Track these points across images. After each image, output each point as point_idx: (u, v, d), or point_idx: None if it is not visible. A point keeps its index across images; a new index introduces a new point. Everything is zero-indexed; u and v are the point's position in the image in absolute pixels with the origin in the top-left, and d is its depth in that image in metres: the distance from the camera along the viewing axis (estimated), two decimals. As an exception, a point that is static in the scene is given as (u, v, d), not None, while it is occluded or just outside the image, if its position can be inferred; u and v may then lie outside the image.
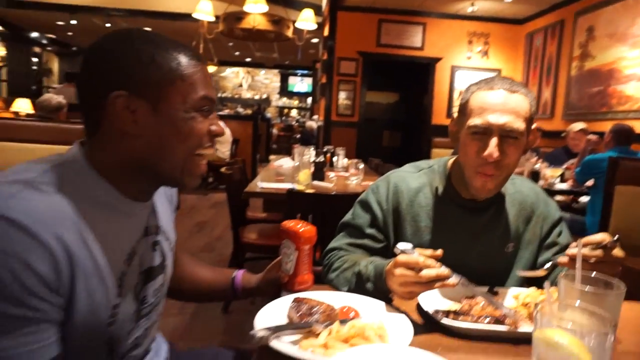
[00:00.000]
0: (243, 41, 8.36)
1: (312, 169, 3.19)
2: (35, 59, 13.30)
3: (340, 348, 0.77)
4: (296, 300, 0.91)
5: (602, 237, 0.95)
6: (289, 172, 3.65)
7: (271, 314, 0.90)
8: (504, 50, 7.28)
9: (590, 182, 3.55)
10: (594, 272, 0.81)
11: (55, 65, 14.75)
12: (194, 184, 0.81)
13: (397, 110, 8.82)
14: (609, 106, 4.96)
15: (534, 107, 1.08)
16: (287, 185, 2.79)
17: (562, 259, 0.94)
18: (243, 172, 3.28)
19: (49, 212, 0.65)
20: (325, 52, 7.60)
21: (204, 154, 0.80)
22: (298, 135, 12.80)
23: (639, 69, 4.54)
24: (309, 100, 16.77)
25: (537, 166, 3.78)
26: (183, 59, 0.75)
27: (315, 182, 3.08)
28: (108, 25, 9.54)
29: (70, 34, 11.88)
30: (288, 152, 6.52)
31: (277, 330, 0.79)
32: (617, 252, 0.94)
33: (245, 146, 7.73)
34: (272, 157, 7.78)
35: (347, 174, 3.66)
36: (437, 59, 7.26)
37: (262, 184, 2.97)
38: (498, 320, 0.90)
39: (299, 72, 16.70)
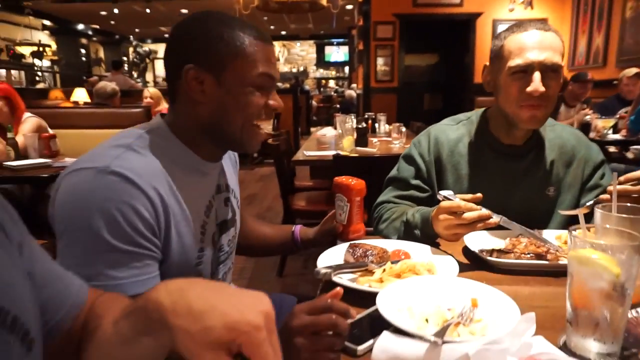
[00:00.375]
0: (278, 14, 8.37)
1: (355, 135, 3.26)
2: (83, 50, 13.92)
3: (393, 282, 0.87)
4: (351, 245, 1.01)
5: (641, 174, 0.98)
6: (332, 140, 3.73)
7: (330, 258, 1.01)
8: (549, -1, 6.90)
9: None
10: (630, 204, 0.85)
11: (101, 54, 15.38)
12: (253, 149, 0.92)
13: (437, 72, 8.60)
14: (667, 48, 4.65)
15: (564, 44, 1.13)
16: (331, 152, 2.88)
17: (603, 196, 0.99)
18: (288, 143, 3.40)
19: (146, 168, 0.78)
20: (361, 18, 7.50)
21: (262, 125, 0.90)
22: (338, 106, 12.78)
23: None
24: (347, 69, 16.61)
25: (588, 117, 3.66)
26: (247, 39, 0.83)
27: (359, 148, 3.16)
28: (148, 10, 9.81)
29: (112, 22, 12.31)
30: (329, 123, 6.57)
31: (337, 268, 0.90)
32: (659, 187, 0.97)
33: (286, 120, 7.86)
34: (313, 129, 7.88)
35: (389, 138, 3.70)
36: (478, 14, 6.99)
37: (307, 152, 3.08)
38: (540, 256, 0.97)
39: (335, 41, 16.52)
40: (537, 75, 1.08)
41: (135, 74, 13.66)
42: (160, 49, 16.45)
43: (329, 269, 0.88)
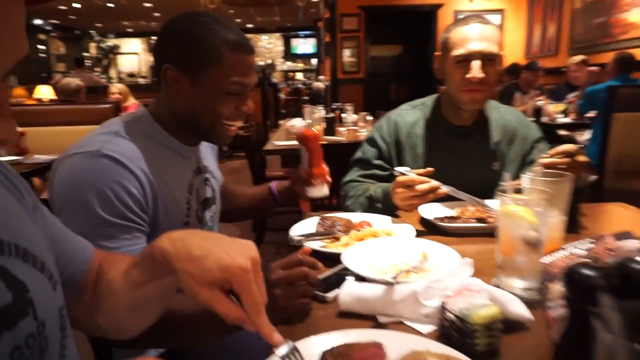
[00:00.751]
0: (244, 7, 8.37)
1: (324, 125, 3.39)
2: (42, 47, 13.46)
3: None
4: (322, 217, 1.14)
5: (568, 147, 1.14)
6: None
7: (302, 228, 1.14)
8: (506, -10, 7.18)
9: (592, 114, 3.67)
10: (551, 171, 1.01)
11: (63, 50, 14.90)
12: (222, 144, 1.05)
13: (402, 62, 8.80)
14: (612, 36, 4.98)
15: (501, 36, 1.30)
16: (301, 141, 2.99)
17: (535, 167, 1.15)
18: (258, 134, 3.49)
19: (133, 151, 0.89)
20: (327, 10, 7.59)
21: (232, 124, 0.99)
22: (306, 98, 12.86)
23: (641, -5, 4.53)
24: (314, 61, 16.67)
25: (540, 103, 3.91)
26: (226, 48, 0.90)
27: (328, 137, 3.29)
28: (110, 5, 9.59)
29: (73, 17, 11.96)
30: (297, 116, 6.66)
31: (309, 235, 1.03)
32: (581, 158, 1.13)
33: (254, 113, 7.80)
34: (281, 122, 7.93)
35: (356, 127, 3.85)
36: (439, 5, 7.21)
37: (277, 142, 3.18)
38: (482, 220, 1.13)
39: (302, 33, 16.53)
40: (476, 63, 1.23)
41: (98, 70, 13.33)
42: (124, 43, 16.08)
43: (301, 237, 1.01)
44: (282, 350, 0.53)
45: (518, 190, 0.89)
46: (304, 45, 16.84)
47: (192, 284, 0.52)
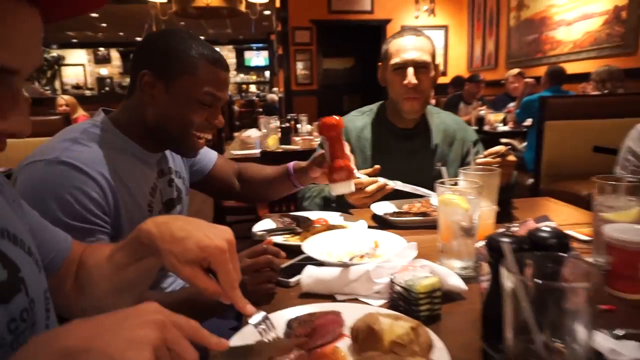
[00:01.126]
0: (196, 19, 8.34)
1: (279, 135, 3.48)
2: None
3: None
4: (282, 215, 1.22)
5: (499, 148, 1.29)
6: (257, 140, 3.92)
7: (264, 225, 1.21)
8: (449, 7, 7.61)
9: (529, 122, 3.98)
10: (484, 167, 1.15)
11: None
12: (190, 155, 1.08)
13: (354, 74, 9.08)
14: (543, 52, 5.42)
15: (434, 47, 1.45)
16: (257, 151, 3.06)
17: (472, 166, 1.29)
18: (214, 146, 3.53)
19: (92, 157, 0.92)
20: (279, 24, 7.73)
21: (202, 136, 1.04)
22: (260, 110, 12.90)
23: (566, 15, 4.98)
24: (267, 73, 16.76)
25: (482, 112, 4.19)
26: (201, 61, 0.96)
27: (284, 146, 3.37)
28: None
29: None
30: (252, 127, 6.71)
31: (271, 231, 1.11)
32: (511, 158, 1.29)
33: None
34: (236, 134, 7.91)
35: (311, 137, 3.96)
36: (387, 21, 7.53)
37: (234, 151, 3.23)
38: (426, 214, 1.25)
39: (255, 45, 16.60)
40: (410, 70, 1.39)
41: (42, 82, 12.75)
42: (68, 54, 15.48)
43: (263, 232, 1.09)
44: (255, 319, 0.61)
45: (455, 184, 1.01)
46: (257, 57, 16.91)
47: (175, 262, 0.59)
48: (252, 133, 4.40)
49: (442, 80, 7.19)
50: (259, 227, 1.18)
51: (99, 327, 0.42)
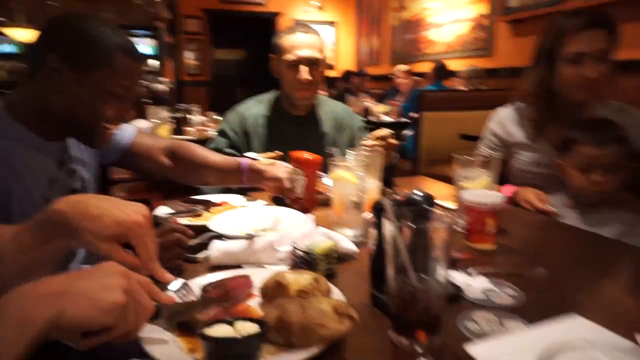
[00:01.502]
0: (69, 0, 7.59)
1: (170, 125, 3.39)
2: None
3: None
4: (185, 199, 1.25)
5: (383, 131, 1.45)
6: (148, 130, 3.75)
7: (165, 210, 1.23)
8: (338, 4, 7.95)
9: (416, 115, 4.38)
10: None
11: None
12: (96, 146, 1.04)
13: (246, 66, 9.05)
14: (420, 50, 5.96)
15: (323, 42, 1.58)
16: (150, 141, 2.95)
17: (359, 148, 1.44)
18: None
19: None
20: (168, 11, 7.39)
21: (110, 127, 1.01)
22: (147, 99, 12.17)
23: (437, 18, 5.55)
24: (153, 62, 15.83)
25: (367, 104, 4.51)
26: (117, 51, 0.92)
27: (177, 136, 3.30)
28: None
29: None
30: (139, 116, 6.36)
31: (175, 213, 1.14)
32: (392, 141, 1.46)
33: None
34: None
35: (205, 128, 3.91)
36: (278, 14, 7.63)
37: (124, 143, 3.08)
38: (321, 193, 1.37)
39: (139, 32, 15.54)
40: (304, 68, 1.51)
41: None
42: None
43: (168, 215, 1.11)
44: (175, 285, 0.66)
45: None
46: (142, 46, 15.87)
47: (92, 239, 0.61)
48: (141, 124, 4.19)
49: (333, 74, 7.47)
50: (162, 211, 1.20)
51: (73, 276, 0.51)
